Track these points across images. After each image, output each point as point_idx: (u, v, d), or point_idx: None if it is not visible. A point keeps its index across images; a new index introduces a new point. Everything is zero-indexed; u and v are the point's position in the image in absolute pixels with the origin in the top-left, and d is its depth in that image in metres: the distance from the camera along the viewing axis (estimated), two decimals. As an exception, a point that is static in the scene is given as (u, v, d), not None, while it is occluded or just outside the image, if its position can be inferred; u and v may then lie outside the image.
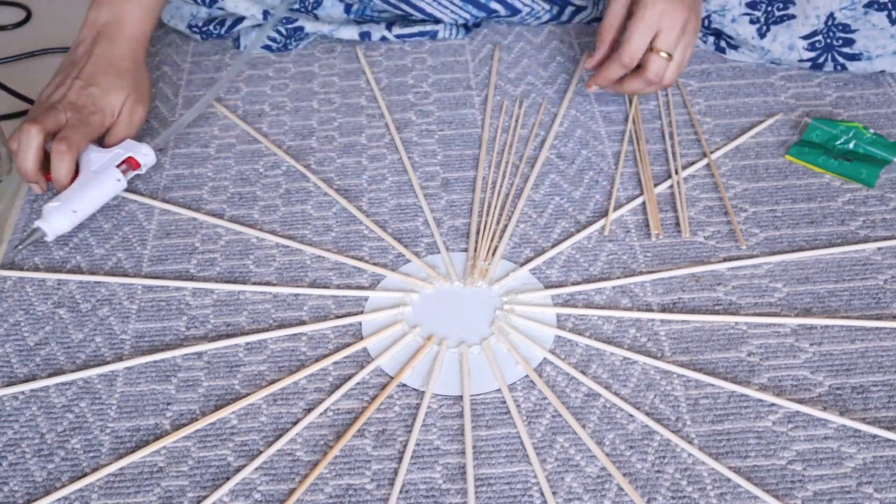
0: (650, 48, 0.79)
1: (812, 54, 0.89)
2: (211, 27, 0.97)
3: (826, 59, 0.89)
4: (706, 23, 0.92)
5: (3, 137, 0.84)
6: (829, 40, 0.87)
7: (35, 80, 0.98)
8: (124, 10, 0.83)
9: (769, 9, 0.88)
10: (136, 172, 0.80)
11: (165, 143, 0.82)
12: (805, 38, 0.88)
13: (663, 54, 0.79)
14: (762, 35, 0.89)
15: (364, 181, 0.83)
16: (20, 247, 0.74)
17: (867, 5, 0.85)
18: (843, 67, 0.89)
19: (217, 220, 0.80)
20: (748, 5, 0.88)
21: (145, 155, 0.79)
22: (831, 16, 0.86)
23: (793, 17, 0.87)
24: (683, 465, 0.61)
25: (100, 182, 0.76)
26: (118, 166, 0.78)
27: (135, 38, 0.84)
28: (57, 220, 0.74)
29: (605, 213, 0.78)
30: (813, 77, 0.90)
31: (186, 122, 0.85)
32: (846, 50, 0.88)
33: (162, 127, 0.90)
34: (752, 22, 0.89)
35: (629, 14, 0.80)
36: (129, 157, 0.78)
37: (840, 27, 0.86)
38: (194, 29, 0.98)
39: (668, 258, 0.74)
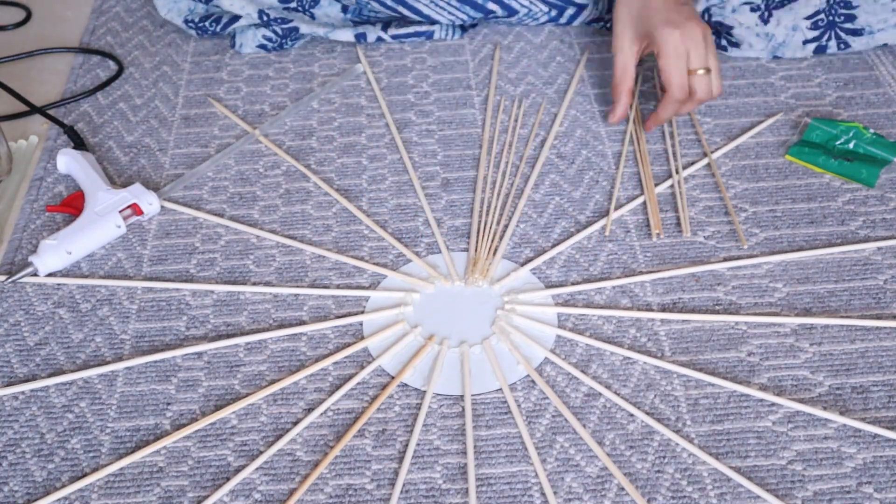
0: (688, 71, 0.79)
1: (815, 33, 0.89)
2: (207, 24, 0.97)
3: (830, 37, 0.89)
4: (705, 17, 0.92)
5: (4, 137, 0.84)
6: (831, 17, 0.88)
7: (35, 80, 0.98)
8: None
9: None
10: (138, 218, 0.79)
11: (173, 191, 0.82)
12: (808, 17, 0.88)
13: (701, 72, 0.78)
14: (765, 21, 0.89)
15: (364, 181, 0.83)
16: (11, 280, 0.74)
17: None
18: (847, 45, 0.89)
19: (217, 219, 0.80)
20: None
21: (150, 204, 0.79)
22: None
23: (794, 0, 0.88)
24: (683, 464, 0.61)
25: (99, 226, 0.77)
26: (121, 211, 0.78)
27: None
28: (50, 258, 0.74)
29: (605, 213, 0.78)
30: (813, 77, 0.90)
31: (199, 174, 0.84)
32: (848, 26, 0.88)
33: (161, 126, 0.90)
34: (752, 10, 0.89)
35: (642, 58, 0.83)
36: (134, 204, 0.78)
37: (841, 3, 0.88)
38: (190, 24, 0.98)
39: (668, 258, 0.74)
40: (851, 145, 0.82)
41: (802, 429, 0.62)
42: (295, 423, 0.64)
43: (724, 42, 0.93)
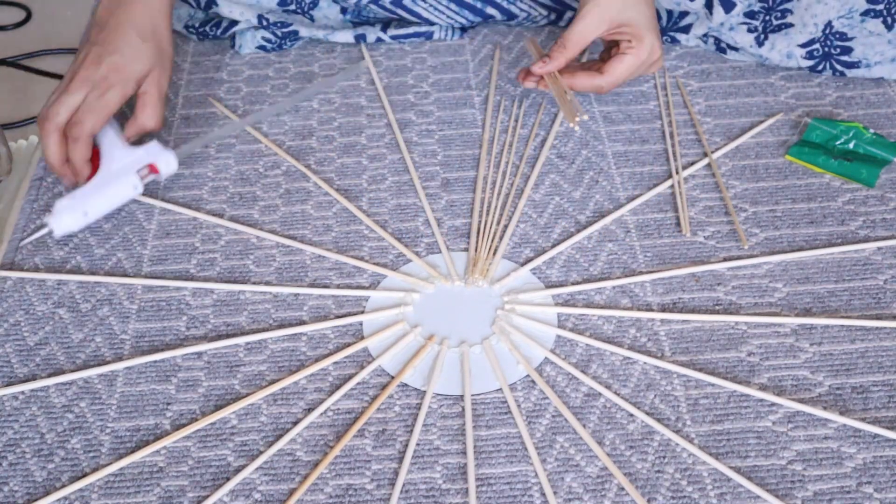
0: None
1: (810, 62, 0.89)
2: (207, 28, 0.98)
3: (825, 67, 0.89)
4: (705, 35, 0.92)
5: (4, 138, 0.84)
6: (826, 49, 0.87)
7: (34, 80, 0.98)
8: None
9: (767, 18, 0.88)
10: (154, 178, 0.77)
11: (189, 154, 0.80)
12: (803, 46, 0.88)
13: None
14: (760, 43, 0.89)
15: (364, 181, 0.83)
16: (25, 241, 0.73)
17: (864, 13, 0.85)
18: (842, 74, 0.89)
19: (217, 219, 0.80)
20: (746, 15, 0.88)
21: (168, 163, 0.76)
22: (829, 24, 0.86)
23: (791, 25, 0.87)
24: (683, 464, 0.61)
25: (116, 186, 0.75)
26: (138, 171, 0.76)
27: (157, 1, 0.79)
28: (67, 218, 0.72)
29: (605, 213, 0.78)
30: (813, 77, 0.90)
31: (214, 139, 0.82)
32: (844, 58, 0.88)
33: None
34: (749, 31, 0.89)
35: (610, 42, 0.83)
36: (151, 164, 0.76)
37: (837, 35, 0.86)
38: (191, 29, 0.99)
39: (668, 258, 0.74)
40: (851, 145, 0.82)
41: (802, 429, 0.62)
42: (295, 423, 0.64)
43: (723, 45, 0.93)
